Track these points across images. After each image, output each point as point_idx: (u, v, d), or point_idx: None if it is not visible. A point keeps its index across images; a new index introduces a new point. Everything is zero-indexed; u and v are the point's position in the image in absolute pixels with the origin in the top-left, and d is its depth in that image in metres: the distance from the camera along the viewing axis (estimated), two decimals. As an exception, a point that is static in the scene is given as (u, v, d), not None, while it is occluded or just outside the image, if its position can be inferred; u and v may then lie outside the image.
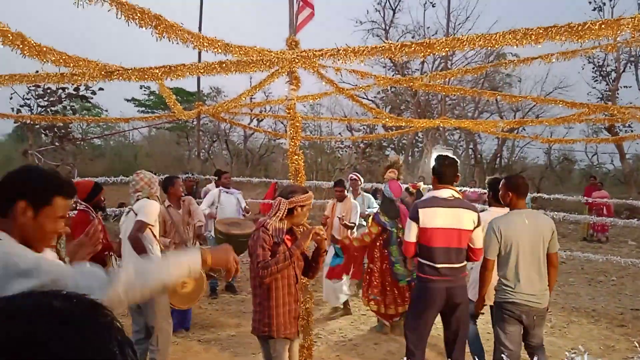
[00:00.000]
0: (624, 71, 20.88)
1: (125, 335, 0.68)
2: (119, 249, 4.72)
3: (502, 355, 3.79)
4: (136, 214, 4.55)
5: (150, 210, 4.60)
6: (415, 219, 3.90)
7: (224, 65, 3.61)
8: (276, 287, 3.38)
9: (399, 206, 5.69)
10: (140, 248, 4.48)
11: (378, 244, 5.76)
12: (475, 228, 3.97)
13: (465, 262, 4.03)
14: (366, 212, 6.87)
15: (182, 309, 5.53)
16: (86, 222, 4.72)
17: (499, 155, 24.70)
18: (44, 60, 3.00)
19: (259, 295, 3.43)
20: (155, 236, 4.70)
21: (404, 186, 6.09)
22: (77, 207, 4.94)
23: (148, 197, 4.71)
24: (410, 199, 5.93)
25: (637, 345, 1.80)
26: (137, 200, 4.66)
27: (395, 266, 5.67)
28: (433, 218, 3.88)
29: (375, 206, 7.09)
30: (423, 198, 4.29)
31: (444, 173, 4.03)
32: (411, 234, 3.95)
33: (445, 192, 3.96)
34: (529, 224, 3.89)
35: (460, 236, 3.91)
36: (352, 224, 6.44)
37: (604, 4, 20.00)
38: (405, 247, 4.04)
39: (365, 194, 7.44)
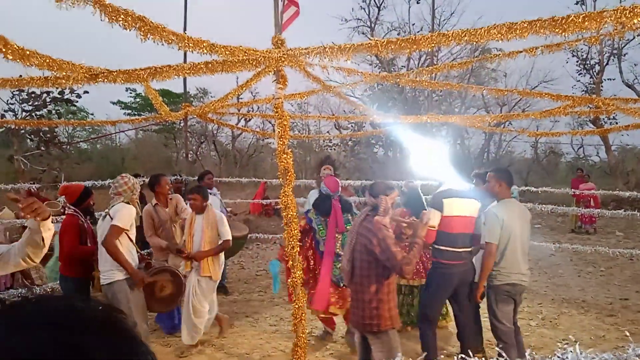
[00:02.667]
0: (607, 64, 21.08)
1: (148, 346, 0.67)
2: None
3: (500, 335, 4.31)
4: (112, 218, 4.49)
5: (126, 214, 4.54)
6: (439, 208, 4.34)
7: (210, 65, 3.59)
8: (391, 282, 3.69)
9: (333, 203, 5.27)
10: (114, 253, 4.40)
11: (308, 243, 5.40)
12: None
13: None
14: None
15: (162, 312, 5.56)
16: (75, 225, 4.69)
17: (486, 149, 24.85)
18: (28, 63, 2.97)
19: (380, 292, 3.61)
20: (131, 240, 4.65)
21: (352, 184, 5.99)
22: (66, 212, 4.90)
23: (128, 202, 4.67)
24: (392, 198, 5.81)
25: (627, 334, 1.82)
26: (115, 204, 4.61)
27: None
28: (454, 207, 4.37)
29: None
30: (442, 189, 4.53)
31: (461, 169, 4.60)
32: (435, 222, 4.31)
33: (461, 185, 4.52)
34: (518, 211, 4.43)
35: (472, 222, 4.47)
36: None
37: (587, -3, 20.15)
38: (428, 234, 4.19)
39: None
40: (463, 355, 1.59)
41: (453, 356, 5.04)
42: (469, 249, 4.49)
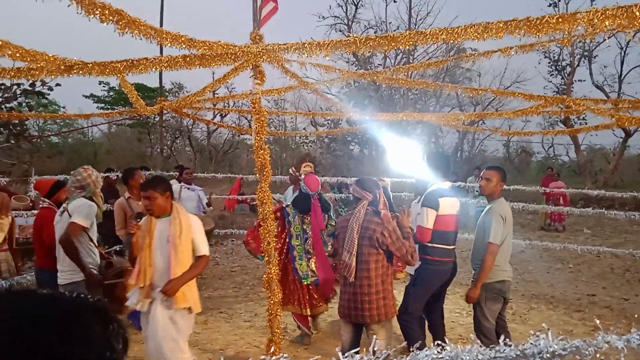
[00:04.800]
0: (578, 65, 21.54)
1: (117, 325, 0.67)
2: None
3: (485, 332, 4.33)
4: (70, 215, 4.26)
5: (86, 211, 4.32)
6: (435, 207, 4.39)
7: (188, 59, 3.57)
8: (391, 272, 3.95)
9: (312, 201, 5.32)
10: (72, 252, 4.19)
11: (283, 236, 5.35)
12: None
13: None
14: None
15: (124, 313, 5.11)
16: (52, 218, 4.57)
17: (460, 148, 25.17)
18: (0, 54, 2.90)
19: (385, 282, 3.85)
20: (91, 239, 4.45)
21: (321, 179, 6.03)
22: (41, 205, 4.79)
23: (91, 197, 4.47)
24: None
25: (597, 322, 1.90)
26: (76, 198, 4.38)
27: (297, 262, 5.29)
28: (447, 206, 4.45)
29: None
30: (433, 189, 4.56)
31: (445, 168, 4.67)
32: (429, 221, 4.37)
33: (446, 184, 4.61)
34: (510, 210, 4.51)
35: (457, 220, 4.59)
36: None
37: (559, 0, 20.56)
38: (424, 234, 4.36)
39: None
40: (439, 342, 1.64)
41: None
42: (455, 246, 4.59)
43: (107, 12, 2.83)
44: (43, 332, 0.62)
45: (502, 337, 1.57)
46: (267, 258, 4.28)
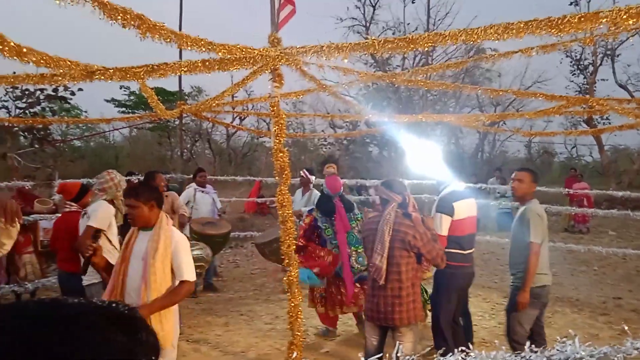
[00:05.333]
0: (600, 64, 21.18)
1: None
2: None
3: (517, 338, 4.18)
4: (89, 218, 4.30)
5: (103, 214, 4.34)
6: (450, 213, 4.29)
7: (207, 63, 3.59)
8: (420, 276, 3.99)
9: (335, 203, 5.39)
10: (86, 255, 4.06)
11: (316, 240, 5.44)
12: None
13: None
14: (301, 209, 6.54)
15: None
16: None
17: (480, 149, 24.92)
18: (24, 61, 2.96)
19: (415, 285, 3.84)
20: (110, 241, 4.45)
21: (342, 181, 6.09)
22: (68, 209, 4.82)
23: (112, 200, 4.52)
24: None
25: (625, 328, 1.85)
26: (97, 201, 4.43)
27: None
28: (464, 209, 4.35)
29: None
30: (447, 192, 4.47)
31: (459, 168, 4.62)
32: (444, 228, 4.30)
33: (462, 185, 4.54)
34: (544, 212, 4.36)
35: (475, 221, 4.52)
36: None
37: (581, -2, 20.25)
38: (438, 241, 4.22)
39: (316, 191, 7.01)
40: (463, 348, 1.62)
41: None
42: (473, 250, 4.50)
43: (128, 17, 2.87)
44: (42, 331, 0.62)
45: (528, 344, 1.54)
46: (286, 260, 4.28)
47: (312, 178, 6.93)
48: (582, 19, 2.64)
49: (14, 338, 0.61)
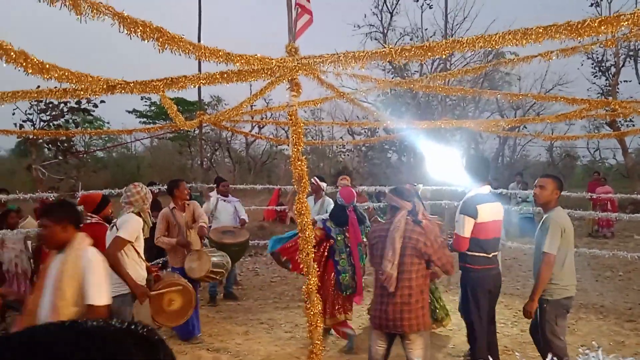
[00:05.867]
0: (623, 65, 20.84)
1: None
2: None
3: (558, 352, 4.03)
4: (117, 230, 4.39)
5: (132, 226, 4.44)
6: (473, 215, 4.25)
7: (225, 75, 3.62)
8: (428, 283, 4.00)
9: (349, 213, 5.43)
10: (115, 265, 4.24)
11: (322, 249, 5.46)
12: None
13: None
14: (314, 217, 6.41)
15: (172, 326, 5.27)
16: (103, 234, 4.69)
17: (501, 153, 24.67)
18: (47, 77, 3.02)
19: (424, 292, 3.85)
20: (138, 253, 4.55)
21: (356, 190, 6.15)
22: (90, 220, 4.87)
23: (139, 213, 4.61)
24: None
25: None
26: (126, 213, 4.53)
27: (341, 276, 5.41)
28: (488, 212, 4.30)
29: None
30: (471, 195, 4.44)
31: (483, 172, 4.53)
32: (466, 230, 4.27)
33: (485, 189, 4.46)
34: (570, 220, 4.29)
35: (500, 226, 4.46)
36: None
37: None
38: (460, 243, 4.29)
39: (327, 198, 6.95)
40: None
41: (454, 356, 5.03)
42: (498, 252, 4.47)
43: (148, 30, 2.92)
44: (65, 355, 0.64)
45: (550, 356, 1.51)
46: (306, 269, 4.28)
47: (324, 185, 6.92)
48: (603, 23, 2.61)
49: None
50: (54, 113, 13.20)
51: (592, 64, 21.20)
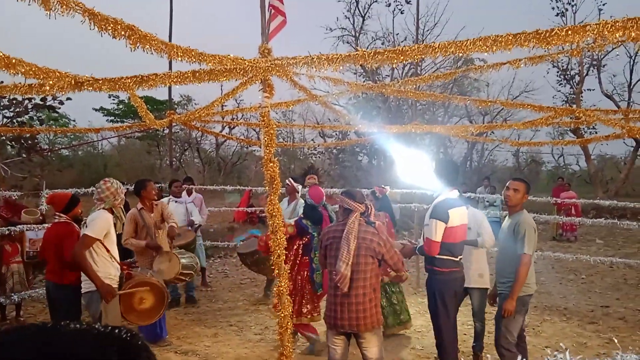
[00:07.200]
0: (587, 75, 21.48)
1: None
2: None
3: (507, 346, 4.33)
4: (87, 227, 4.34)
5: (100, 223, 4.38)
6: (445, 219, 4.27)
7: (197, 74, 3.59)
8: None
9: (321, 212, 5.50)
10: (80, 264, 4.22)
11: (295, 248, 5.43)
12: None
13: None
14: (286, 220, 6.39)
15: (142, 324, 5.18)
16: (76, 232, 4.58)
17: (469, 158, 25.09)
18: (14, 72, 2.94)
19: (376, 291, 3.95)
20: (108, 250, 4.49)
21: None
22: (57, 220, 4.74)
23: (111, 209, 4.56)
24: (373, 203, 5.86)
25: (614, 340, 1.87)
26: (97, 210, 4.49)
27: (316, 274, 5.40)
28: (457, 217, 4.35)
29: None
30: (441, 200, 4.44)
31: (453, 176, 4.58)
32: (438, 234, 4.29)
33: (455, 193, 4.49)
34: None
35: (466, 229, 4.55)
36: None
37: (567, 9, 20.58)
38: (432, 247, 4.30)
39: (302, 200, 6.65)
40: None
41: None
42: (462, 256, 4.55)
43: (119, 27, 2.87)
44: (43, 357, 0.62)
45: (520, 357, 1.53)
46: (277, 271, 4.27)
47: (299, 187, 6.89)
48: (570, 32, 2.68)
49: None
50: (17, 109, 12.82)
51: (558, 72, 21.81)
